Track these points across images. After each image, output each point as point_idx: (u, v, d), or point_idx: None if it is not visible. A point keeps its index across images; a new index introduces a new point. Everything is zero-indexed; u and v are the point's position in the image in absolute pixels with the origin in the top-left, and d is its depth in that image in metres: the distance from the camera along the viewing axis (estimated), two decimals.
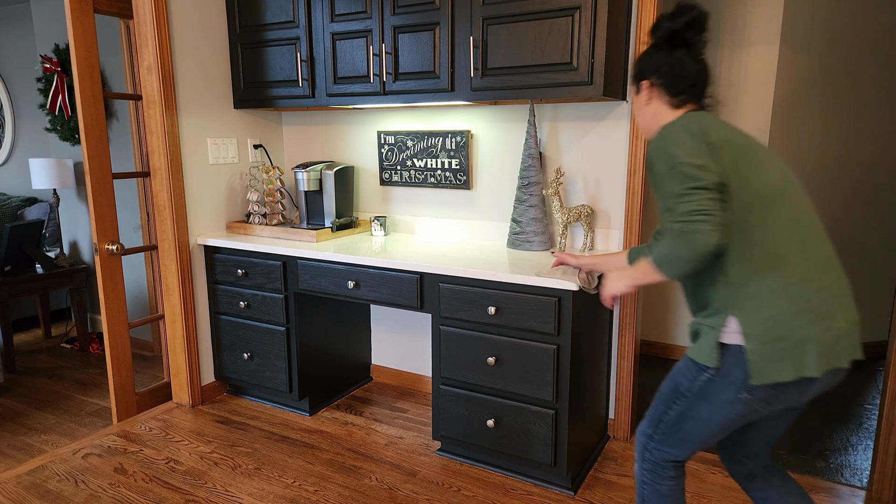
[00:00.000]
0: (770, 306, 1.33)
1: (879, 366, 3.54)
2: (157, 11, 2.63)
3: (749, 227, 1.34)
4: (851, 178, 3.41)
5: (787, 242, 1.34)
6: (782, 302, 1.32)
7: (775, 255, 1.34)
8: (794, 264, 1.33)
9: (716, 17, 3.24)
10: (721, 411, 1.42)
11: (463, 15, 2.35)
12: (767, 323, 1.32)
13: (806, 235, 1.35)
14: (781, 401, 1.37)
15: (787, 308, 1.32)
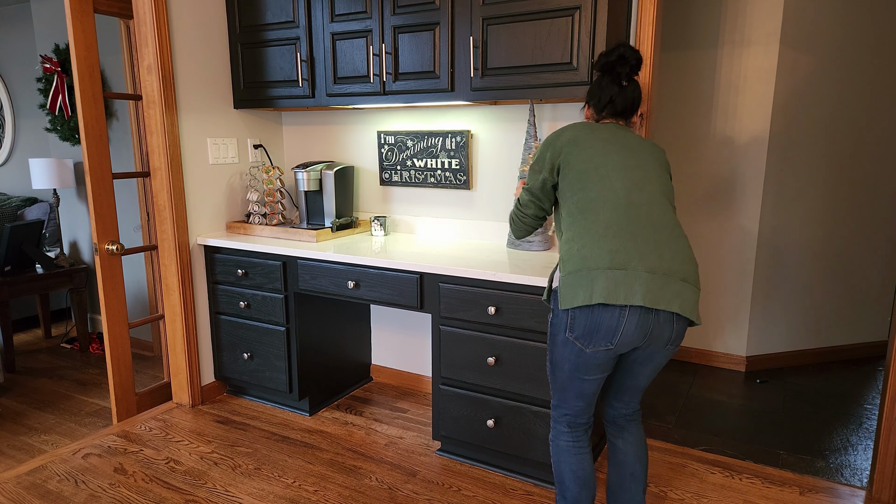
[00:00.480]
0: (575, 246, 1.63)
1: (879, 366, 3.54)
2: (157, 11, 2.63)
3: (571, 192, 1.70)
4: (851, 178, 3.41)
5: (596, 202, 1.64)
6: (584, 241, 1.62)
7: (585, 211, 1.65)
8: (598, 215, 1.62)
9: (716, 17, 3.24)
10: (562, 352, 1.69)
11: (463, 15, 2.35)
12: (572, 260, 1.62)
13: (617, 199, 1.63)
14: (596, 337, 1.60)
15: (587, 248, 1.60)
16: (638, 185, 1.66)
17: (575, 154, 1.72)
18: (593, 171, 1.68)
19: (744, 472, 2.44)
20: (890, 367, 2.19)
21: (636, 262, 1.56)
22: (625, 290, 1.54)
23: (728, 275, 3.43)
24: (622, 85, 1.81)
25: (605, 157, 1.69)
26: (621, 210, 1.61)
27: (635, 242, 1.58)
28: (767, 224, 3.33)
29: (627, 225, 1.60)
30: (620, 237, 1.58)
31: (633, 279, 1.55)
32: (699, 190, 3.43)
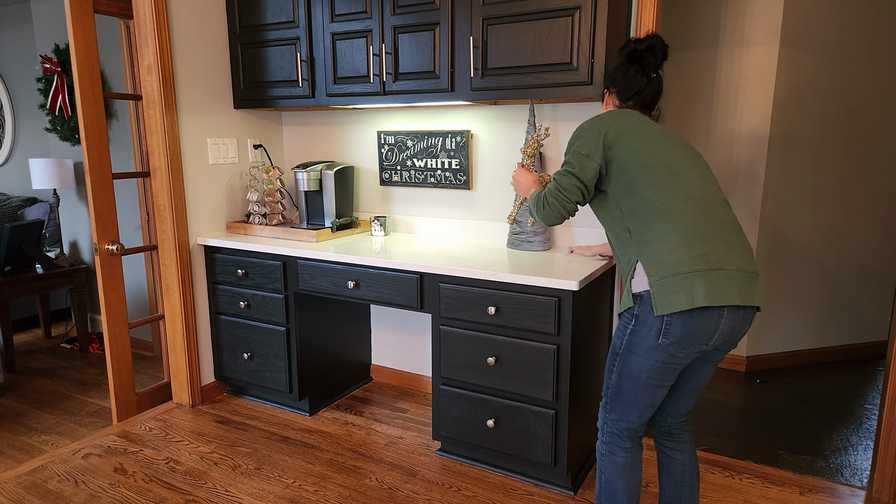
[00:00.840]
0: (663, 249, 1.56)
1: (879, 366, 3.54)
2: (157, 11, 2.63)
3: (640, 188, 1.62)
4: (851, 178, 3.41)
5: (674, 201, 1.59)
6: (672, 244, 1.56)
7: (665, 208, 1.59)
8: (682, 216, 1.57)
9: (716, 17, 3.24)
10: (646, 361, 1.62)
11: (463, 15, 2.35)
12: (662, 262, 1.56)
13: (695, 199, 1.59)
14: (692, 341, 1.56)
15: (677, 249, 1.55)
16: (707, 182, 1.64)
17: (636, 147, 1.64)
18: (664, 168, 1.61)
19: (744, 472, 2.44)
20: (890, 367, 2.19)
21: (727, 263, 1.55)
22: (723, 291, 1.53)
23: None
24: (650, 77, 1.78)
25: (674, 153, 1.64)
26: (702, 210, 1.59)
27: (722, 242, 1.57)
28: (767, 224, 3.33)
29: (711, 225, 1.58)
30: (709, 238, 1.56)
31: (728, 279, 1.54)
32: None
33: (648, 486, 2.34)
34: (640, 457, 1.77)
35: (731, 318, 1.56)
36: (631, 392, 1.68)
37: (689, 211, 1.58)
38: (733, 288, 1.54)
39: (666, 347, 1.58)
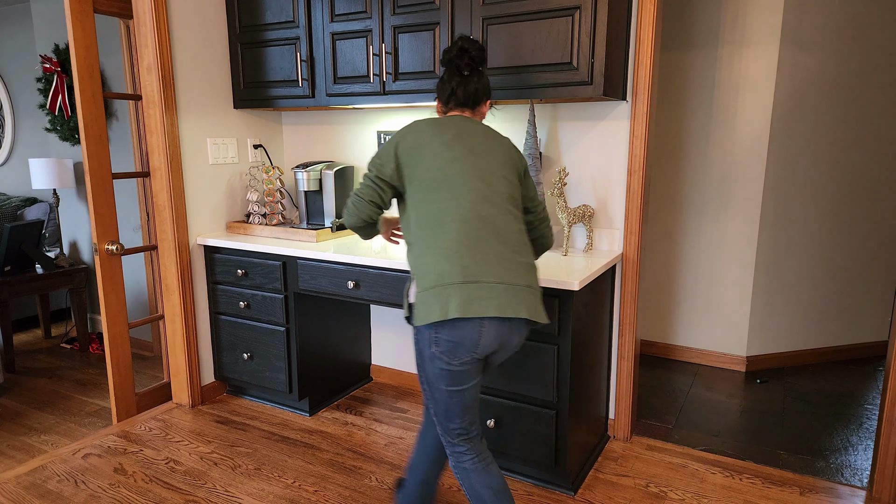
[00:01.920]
0: (428, 262, 1.64)
1: (879, 366, 3.54)
2: (157, 11, 2.62)
3: (417, 203, 1.71)
4: (851, 178, 3.41)
5: (444, 215, 1.66)
6: (437, 258, 1.63)
7: (435, 224, 1.66)
8: (450, 231, 1.64)
9: (716, 17, 3.24)
10: (432, 368, 1.68)
11: (463, 15, 2.35)
12: (426, 275, 1.64)
13: (464, 213, 1.65)
14: (461, 350, 1.62)
15: (440, 262, 1.62)
16: (484, 195, 1.69)
17: (420, 161, 1.72)
18: (439, 182, 1.69)
19: (744, 472, 2.44)
20: (890, 367, 2.19)
21: (486, 275, 1.61)
22: (478, 303, 1.59)
23: (728, 274, 3.43)
24: (463, 75, 1.84)
25: (451, 165, 1.70)
26: (471, 224, 1.64)
27: (485, 255, 1.63)
28: (767, 224, 3.33)
29: (477, 239, 1.64)
30: (472, 252, 1.62)
31: (484, 290, 1.60)
32: (699, 190, 3.43)
33: (649, 486, 2.34)
34: (488, 456, 1.77)
35: (494, 329, 1.62)
36: (441, 399, 1.71)
37: (457, 225, 1.64)
38: (491, 300, 1.59)
39: (440, 356, 1.64)
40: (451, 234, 1.64)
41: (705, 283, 3.51)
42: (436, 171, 1.70)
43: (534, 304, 1.66)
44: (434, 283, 1.61)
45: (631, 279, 2.53)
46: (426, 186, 1.70)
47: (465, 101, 1.86)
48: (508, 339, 1.67)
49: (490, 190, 1.70)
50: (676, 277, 3.59)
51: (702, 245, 3.48)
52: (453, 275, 1.60)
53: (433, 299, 1.60)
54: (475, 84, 1.85)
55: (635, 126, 2.42)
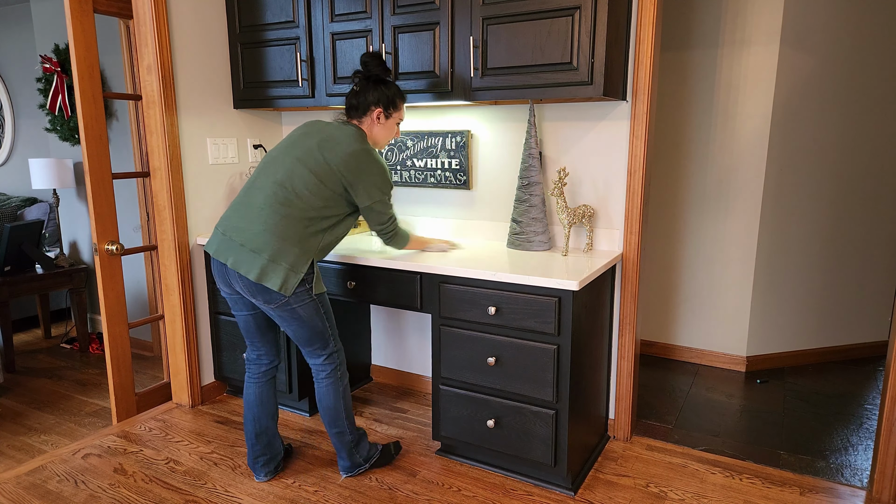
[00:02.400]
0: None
1: (879, 366, 3.54)
2: (157, 11, 2.62)
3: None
4: (851, 178, 3.41)
5: (245, 189, 2.19)
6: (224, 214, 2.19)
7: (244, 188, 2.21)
8: (237, 198, 2.19)
9: (716, 17, 3.24)
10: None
11: (463, 15, 2.35)
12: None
13: (251, 184, 2.16)
14: (219, 279, 2.18)
15: (222, 216, 2.19)
16: (269, 173, 2.13)
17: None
18: (262, 164, 2.20)
19: (744, 472, 2.44)
20: (890, 367, 2.19)
21: (226, 228, 2.12)
22: (220, 250, 2.11)
23: (728, 275, 3.43)
24: (353, 89, 2.24)
25: (275, 151, 2.20)
26: (247, 193, 2.14)
27: (235, 213, 2.12)
28: (767, 224, 3.33)
29: (243, 203, 2.13)
30: (235, 210, 2.14)
31: (215, 238, 2.14)
32: (699, 189, 3.43)
33: (649, 486, 2.34)
34: (258, 380, 2.34)
35: (215, 266, 2.15)
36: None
37: (242, 196, 2.16)
38: (224, 250, 2.09)
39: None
40: (239, 197, 2.22)
41: (705, 283, 3.51)
42: (268, 155, 2.25)
43: (242, 259, 2.06)
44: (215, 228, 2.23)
45: (631, 279, 2.53)
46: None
47: (347, 109, 2.27)
48: (234, 279, 2.12)
49: (274, 171, 2.18)
50: (676, 277, 3.59)
51: (702, 245, 3.48)
52: (219, 224, 2.20)
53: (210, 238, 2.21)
54: (351, 98, 2.24)
55: (635, 126, 2.42)
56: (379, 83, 2.22)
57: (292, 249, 2.07)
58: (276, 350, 2.37)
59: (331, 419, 2.28)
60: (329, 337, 2.25)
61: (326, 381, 2.26)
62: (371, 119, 2.23)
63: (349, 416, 2.32)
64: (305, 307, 2.14)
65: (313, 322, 2.18)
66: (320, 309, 2.20)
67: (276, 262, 2.04)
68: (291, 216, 2.07)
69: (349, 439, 2.33)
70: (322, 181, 2.10)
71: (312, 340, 2.22)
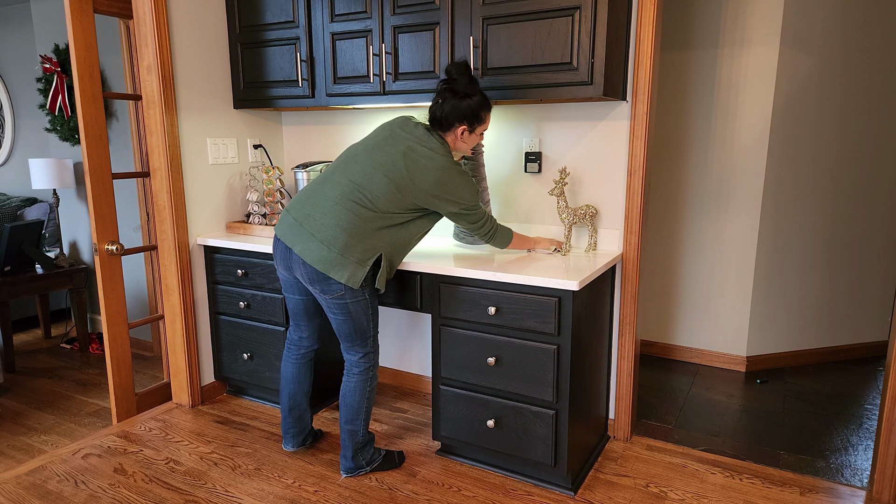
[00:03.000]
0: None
1: (879, 366, 3.54)
2: (157, 11, 2.62)
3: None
4: (851, 178, 3.41)
5: (320, 179, 2.21)
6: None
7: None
8: (311, 185, 2.24)
9: (716, 17, 3.24)
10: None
11: (463, 15, 2.35)
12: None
13: (327, 181, 2.18)
14: (280, 263, 2.24)
15: (293, 201, 2.24)
16: (345, 170, 2.16)
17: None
18: (337, 161, 2.23)
19: (744, 472, 2.44)
20: (890, 367, 2.19)
21: (297, 214, 2.16)
22: (280, 227, 2.19)
23: (728, 275, 3.43)
24: (437, 100, 2.17)
25: (349, 152, 2.22)
26: (321, 183, 2.18)
27: (311, 204, 2.15)
28: (767, 224, 3.33)
29: (312, 192, 2.17)
30: (309, 198, 2.17)
31: (285, 222, 2.19)
32: (699, 190, 3.43)
33: (649, 486, 2.34)
34: (297, 361, 2.46)
35: (280, 249, 2.21)
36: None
37: (320, 181, 2.19)
38: (291, 235, 2.14)
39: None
40: (311, 186, 2.27)
41: (705, 283, 3.51)
42: (344, 154, 2.28)
43: (310, 248, 2.10)
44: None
45: (631, 279, 2.53)
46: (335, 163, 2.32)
47: (431, 121, 2.21)
48: (295, 264, 2.16)
49: (358, 170, 2.17)
50: (676, 277, 3.59)
51: (702, 245, 3.48)
52: (291, 208, 2.25)
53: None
54: (437, 109, 2.17)
55: (635, 126, 2.42)
56: (465, 97, 2.12)
57: (360, 246, 2.09)
58: (318, 335, 2.46)
59: (350, 416, 2.31)
60: (370, 337, 2.29)
61: (357, 378, 2.30)
62: (455, 135, 2.18)
63: (367, 418, 2.34)
64: (357, 304, 2.19)
65: (359, 319, 2.22)
66: (369, 308, 2.24)
67: (344, 257, 2.08)
68: (363, 216, 2.09)
69: (360, 440, 2.35)
70: (400, 192, 2.08)
71: (354, 337, 2.25)
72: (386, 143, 2.13)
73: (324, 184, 2.16)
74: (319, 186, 2.16)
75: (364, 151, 2.15)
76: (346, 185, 2.11)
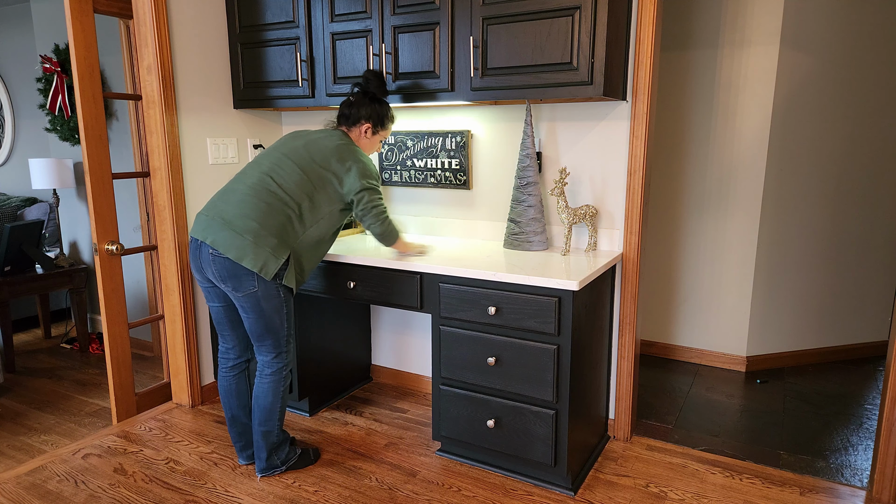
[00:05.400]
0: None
1: (879, 366, 3.54)
2: (157, 11, 2.62)
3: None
4: (851, 178, 3.41)
5: (231, 180, 2.26)
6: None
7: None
8: (223, 187, 2.26)
9: (716, 17, 3.24)
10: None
11: (463, 15, 2.35)
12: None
13: (237, 178, 2.23)
14: (193, 265, 2.22)
15: (206, 204, 2.24)
16: (252, 166, 2.23)
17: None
18: (254, 161, 2.29)
19: (744, 472, 2.44)
20: (890, 367, 2.19)
21: (211, 211, 2.16)
22: (198, 229, 2.16)
23: (728, 274, 3.43)
24: (349, 99, 2.36)
25: (266, 151, 2.30)
26: (237, 181, 2.22)
27: (224, 200, 2.18)
28: (767, 224, 3.33)
29: (228, 190, 2.20)
30: (222, 197, 2.19)
31: (197, 221, 2.18)
32: (699, 189, 3.43)
33: (649, 486, 2.34)
34: (226, 374, 2.39)
35: (192, 249, 2.19)
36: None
37: (231, 181, 2.24)
38: (202, 230, 2.13)
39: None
40: (226, 186, 2.31)
41: (705, 283, 3.51)
42: (260, 155, 2.36)
43: (222, 238, 2.10)
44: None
45: (631, 279, 2.53)
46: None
47: (337, 119, 2.41)
48: (204, 262, 2.16)
49: (276, 167, 2.26)
50: (676, 277, 3.59)
51: (702, 245, 3.48)
52: (203, 209, 2.26)
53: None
54: (344, 108, 2.36)
55: (635, 126, 2.42)
56: (374, 101, 2.36)
57: (273, 235, 2.12)
58: (245, 345, 2.40)
59: (263, 417, 2.31)
60: (283, 338, 2.28)
61: (270, 379, 2.29)
62: (359, 131, 2.36)
63: (281, 418, 2.35)
64: (270, 301, 2.18)
65: (271, 319, 2.21)
66: (283, 308, 2.23)
67: (257, 245, 2.09)
68: (274, 206, 2.13)
69: (275, 440, 2.36)
70: (307, 174, 2.19)
71: (265, 336, 2.24)
72: (289, 140, 2.29)
73: (234, 182, 2.22)
74: (230, 186, 2.22)
75: (268, 151, 2.28)
76: (257, 177, 2.18)
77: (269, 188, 2.15)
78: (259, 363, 2.31)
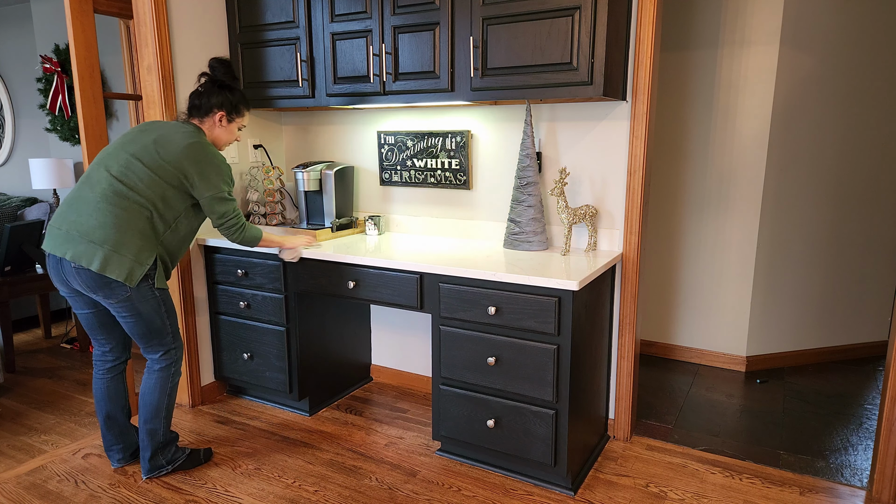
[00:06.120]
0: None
1: (879, 366, 3.54)
2: (157, 11, 2.63)
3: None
4: (851, 178, 3.41)
5: (78, 185, 2.15)
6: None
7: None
8: (70, 193, 2.15)
9: (716, 17, 3.24)
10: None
11: (463, 15, 2.36)
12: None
13: (85, 183, 2.12)
14: (55, 278, 2.14)
15: (55, 215, 2.14)
16: (100, 167, 2.13)
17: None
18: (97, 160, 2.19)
19: (744, 472, 2.44)
20: (890, 367, 2.19)
21: (62, 224, 2.08)
22: (52, 244, 2.09)
23: (728, 274, 3.43)
24: (197, 90, 2.31)
25: (110, 146, 2.20)
26: (83, 187, 2.11)
27: (73, 210, 2.09)
28: (767, 224, 3.33)
29: (76, 198, 2.11)
30: (71, 206, 2.10)
31: (49, 235, 2.10)
32: (699, 190, 3.43)
33: (649, 486, 2.34)
34: (103, 377, 2.34)
35: (51, 264, 2.12)
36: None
37: (77, 187, 2.13)
38: (55, 244, 2.07)
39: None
40: (72, 193, 2.21)
41: (705, 283, 3.51)
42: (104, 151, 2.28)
43: (81, 251, 2.03)
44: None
45: (631, 279, 2.53)
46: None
47: (187, 110, 2.33)
48: (66, 275, 2.09)
49: (121, 163, 2.18)
50: (676, 277, 3.59)
51: (702, 245, 3.48)
52: (54, 221, 2.17)
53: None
54: (192, 98, 2.30)
55: (635, 126, 2.42)
56: (224, 88, 2.30)
57: (134, 241, 2.07)
58: (123, 346, 2.37)
59: (149, 414, 2.28)
60: (167, 335, 2.27)
61: (157, 375, 2.28)
62: (213, 121, 2.30)
63: (168, 417, 2.33)
64: (146, 303, 2.16)
65: (151, 319, 2.20)
66: (161, 307, 2.21)
67: (119, 253, 2.05)
68: (130, 209, 2.08)
69: (160, 440, 2.34)
70: (158, 175, 2.12)
71: (149, 337, 2.23)
72: (138, 135, 2.19)
73: (81, 189, 2.11)
74: (78, 193, 2.11)
75: (116, 147, 2.16)
76: (106, 181, 2.09)
77: (121, 193, 2.07)
78: (148, 361, 2.30)
